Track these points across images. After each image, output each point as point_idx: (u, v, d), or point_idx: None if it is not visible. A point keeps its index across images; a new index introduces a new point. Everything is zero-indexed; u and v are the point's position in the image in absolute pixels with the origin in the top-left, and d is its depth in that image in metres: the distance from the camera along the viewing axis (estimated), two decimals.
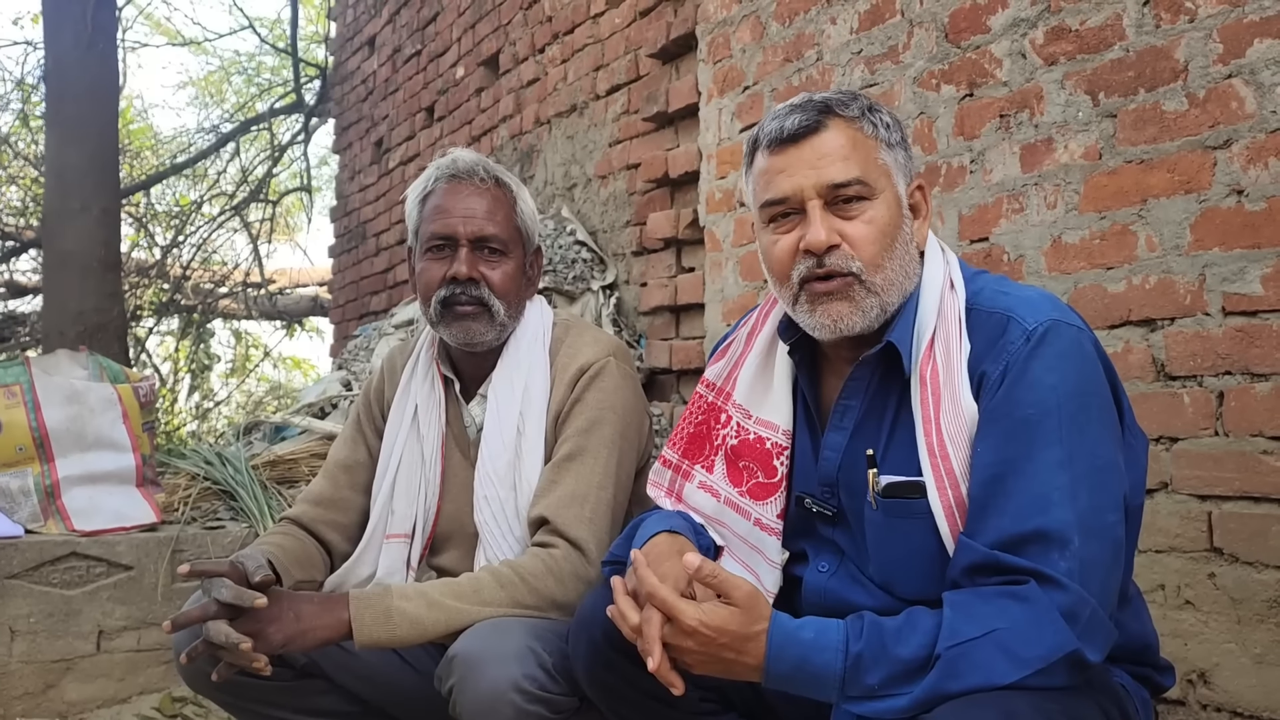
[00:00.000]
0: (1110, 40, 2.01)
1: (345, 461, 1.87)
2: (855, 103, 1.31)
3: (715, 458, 1.47)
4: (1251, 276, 1.77)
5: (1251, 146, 1.78)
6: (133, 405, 2.87)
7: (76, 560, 2.65)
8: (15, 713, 2.56)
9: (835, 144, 1.28)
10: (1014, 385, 1.19)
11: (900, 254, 1.28)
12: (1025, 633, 1.07)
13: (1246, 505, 1.77)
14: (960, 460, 1.20)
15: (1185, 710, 1.84)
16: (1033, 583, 1.10)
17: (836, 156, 1.27)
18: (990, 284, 1.31)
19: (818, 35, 2.73)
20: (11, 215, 8.89)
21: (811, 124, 1.28)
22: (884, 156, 1.30)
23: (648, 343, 3.52)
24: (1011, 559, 1.12)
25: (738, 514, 1.42)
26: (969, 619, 1.09)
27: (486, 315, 1.72)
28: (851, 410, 1.34)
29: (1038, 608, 1.08)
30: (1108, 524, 1.15)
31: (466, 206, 1.71)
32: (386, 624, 1.47)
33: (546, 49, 4.27)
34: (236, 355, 11.13)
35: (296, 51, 8.40)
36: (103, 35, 5.12)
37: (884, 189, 1.29)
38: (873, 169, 1.28)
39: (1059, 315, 1.23)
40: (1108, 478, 1.17)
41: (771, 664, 1.14)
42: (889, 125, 1.31)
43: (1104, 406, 1.21)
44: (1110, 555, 1.15)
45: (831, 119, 1.29)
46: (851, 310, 1.28)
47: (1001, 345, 1.22)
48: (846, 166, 1.27)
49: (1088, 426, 1.17)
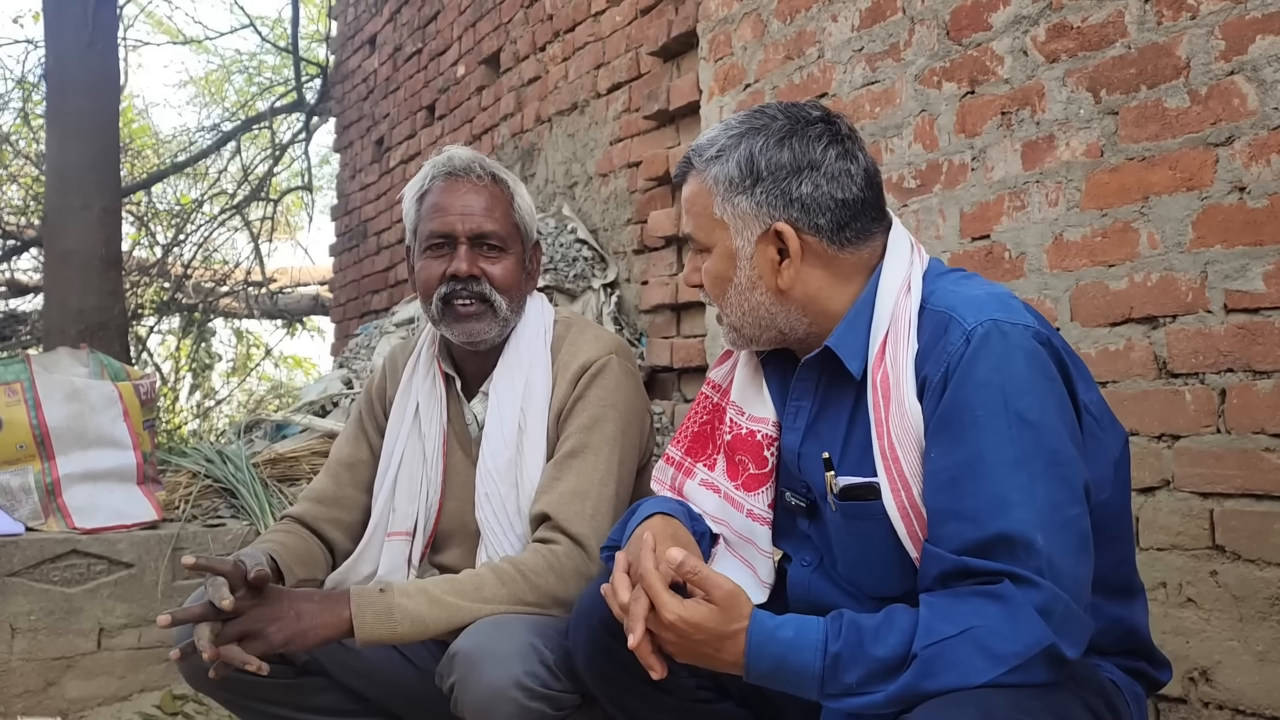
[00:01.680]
0: (1112, 37, 2.00)
1: (348, 459, 1.87)
2: (709, 149, 1.35)
3: (717, 455, 1.49)
4: (1253, 274, 1.77)
5: (1253, 143, 1.78)
6: (133, 403, 2.87)
7: (77, 558, 2.65)
8: (16, 710, 2.56)
9: (685, 196, 1.40)
10: (959, 388, 1.18)
11: (737, 299, 1.35)
12: (1001, 630, 1.07)
13: (1248, 503, 1.77)
14: (909, 462, 1.21)
15: (1187, 708, 1.84)
16: (1007, 581, 1.10)
17: (684, 209, 1.41)
18: (947, 283, 1.31)
19: (819, 33, 2.73)
20: (13, 214, 8.89)
21: (678, 175, 1.41)
22: (718, 210, 1.34)
23: (649, 341, 3.52)
24: (981, 563, 1.12)
25: (733, 508, 1.44)
26: (945, 618, 1.10)
27: (489, 313, 1.72)
28: (803, 410, 1.37)
29: (1013, 605, 1.08)
30: (1069, 518, 1.14)
31: (464, 204, 1.71)
32: (388, 621, 1.46)
33: (547, 47, 4.27)
34: (237, 354, 11.14)
35: (297, 50, 8.40)
36: (104, 33, 5.11)
37: (714, 242, 1.35)
38: (704, 225, 1.36)
39: (1002, 314, 1.21)
40: (1065, 471, 1.16)
41: (751, 662, 1.15)
42: (729, 178, 1.32)
43: (1056, 402, 1.19)
44: (1076, 549, 1.14)
45: (689, 171, 1.39)
46: (726, 335, 1.43)
47: (942, 346, 1.21)
48: (684, 221, 1.43)
49: (1039, 423, 1.16)
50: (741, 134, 1.33)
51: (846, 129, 1.34)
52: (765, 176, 1.30)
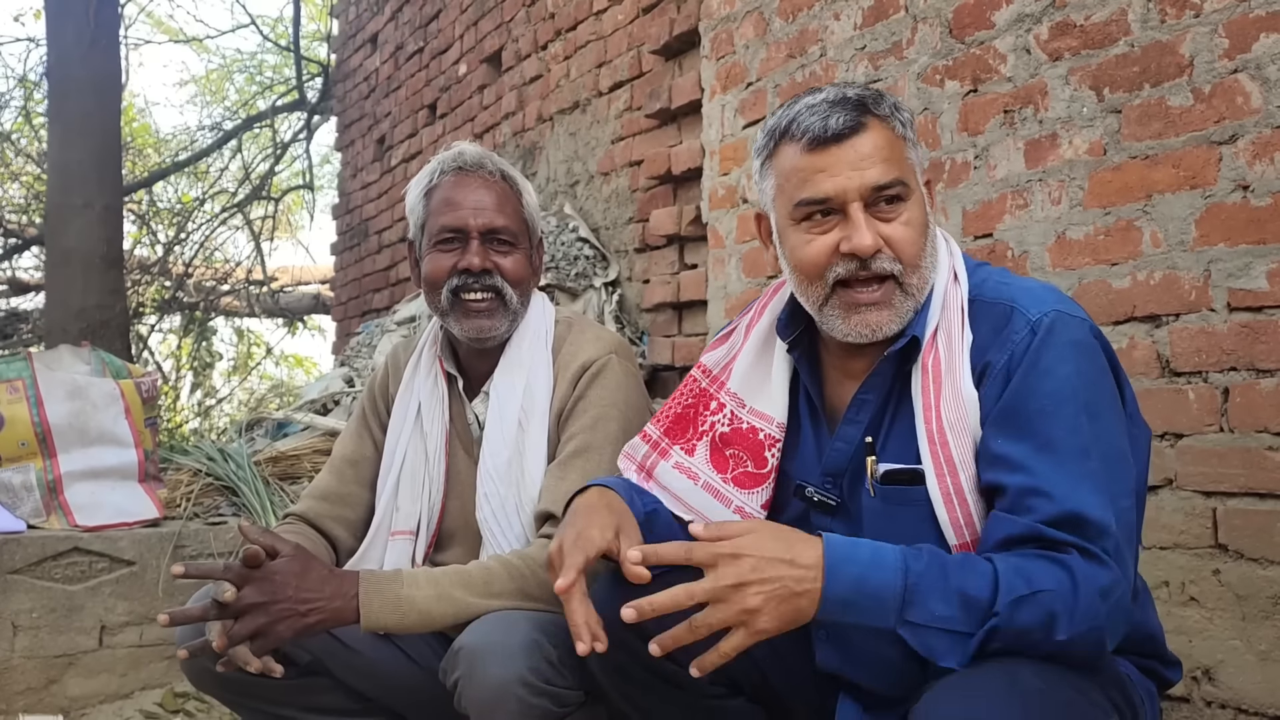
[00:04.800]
0: (1115, 35, 2.00)
1: (351, 456, 1.87)
2: (884, 101, 1.31)
3: (698, 442, 1.46)
4: (1257, 272, 1.77)
5: (1257, 142, 1.78)
6: (135, 401, 2.87)
7: (79, 555, 2.65)
8: (18, 708, 2.56)
9: (875, 144, 1.27)
10: (1026, 375, 1.20)
11: (930, 251, 1.30)
12: (1068, 602, 1.08)
13: (1252, 501, 1.77)
14: (960, 448, 1.21)
15: (1190, 707, 1.84)
16: (1075, 553, 1.11)
17: (878, 158, 1.27)
18: (993, 275, 1.33)
19: (821, 31, 2.73)
20: (14, 212, 8.89)
21: (853, 123, 1.27)
22: (910, 155, 1.31)
23: (650, 339, 3.52)
24: (1055, 533, 1.12)
25: (716, 500, 1.42)
26: (1018, 574, 1.09)
27: (501, 307, 1.72)
28: (869, 404, 1.34)
29: (1078, 578, 1.09)
30: (1124, 509, 1.16)
31: (476, 199, 1.72)
32: (395, 612, 1.48)
33: (549, 46, 4.27)
34: (238, 353, 11.15)
35: (299, 49, 8.40)
36: (105, 32, 5.12)
37: (915, 188, 1.30)
38: (905, 169, 1.29)
39: (1062, 306, 1.24)
40: (1123, 466, 1.18)
41: (829, 586, 1.10)
42: (909, 124, 1.33)
43: (1112, 396, 1.22)
44: (1131, 540, 1.17)
45: (870, 118, 1.28)
46: (890, 318, 1.29)
47: (1006, 335, 1.23)
48: (887, 168, 1.27)
49: (1100, 415, 1.18)
50: (880, 91, 1.33)
51: None
52: (913, 125, 1.34)
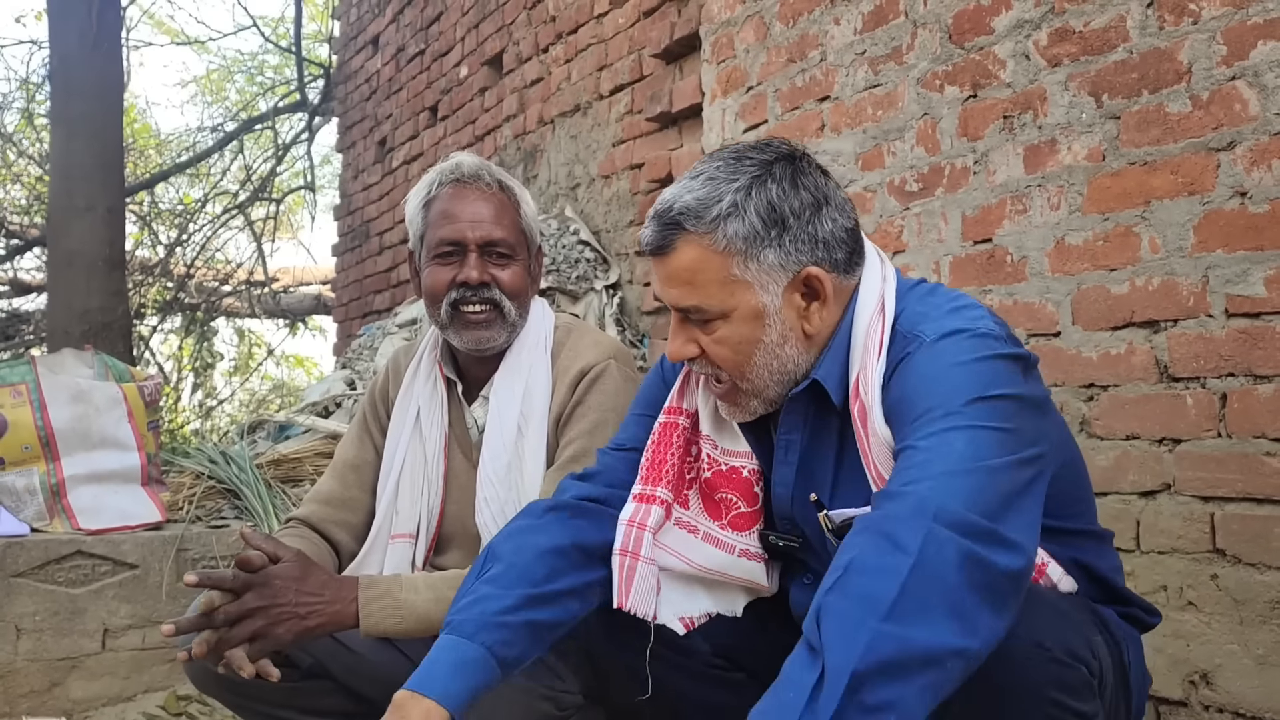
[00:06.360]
0: (1114, 42, 2.01)
1: (353, 460, 1.88)
2: (715, 208, 1.22)
3: (689, 491, 1.42)
4: (1255, 278, 1.77)
5: (1255, 149, 1.78)
6: (138, 404, 2.87)
7: (82, 559, 2.66)
8: (21, 711, 2.57)
9: (680, 265, 1.25)
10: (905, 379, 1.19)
11: (765, 360, 1.27)
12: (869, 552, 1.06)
13: (1249, 507, 1.77)
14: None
15: (1187, 711, 1.85)
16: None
17: (680, 280, 1.26)
18: (913, 304, 1.28)
19: (821, 36, 2.73)
20: (16, 213, 8.91)
21: (662, 243, 1.27)
22: (737, 270, 1.23)
23: (650, 342, 3.53)
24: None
25: (718, 549, 1.38)
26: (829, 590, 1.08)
27: (499, 319, 1.73)
28: (794, 444, 1.33)
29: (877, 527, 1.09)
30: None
31: (474, 211, 1.72)
32: (394, 615, 1.50)
33: (550, 49, 4.27)
34: (240, 354, 11.16)
35: (300, 50, 8.41)
36: (108, 34, 5.13)
37: (735, 305, 1.24)
38: (716, 291, 1.24)
39: (964, 326, 1.19)
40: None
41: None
42: (751, 233, 1.22)
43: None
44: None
45: (680, 237, 1.25)
46: (738, 410, 1.33)
47: (906, 364, 1.21)
48: (684, 293, 1.26)
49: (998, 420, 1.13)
50: (745, 185, 1.23)
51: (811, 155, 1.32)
52: (791, 223, 1.23)
